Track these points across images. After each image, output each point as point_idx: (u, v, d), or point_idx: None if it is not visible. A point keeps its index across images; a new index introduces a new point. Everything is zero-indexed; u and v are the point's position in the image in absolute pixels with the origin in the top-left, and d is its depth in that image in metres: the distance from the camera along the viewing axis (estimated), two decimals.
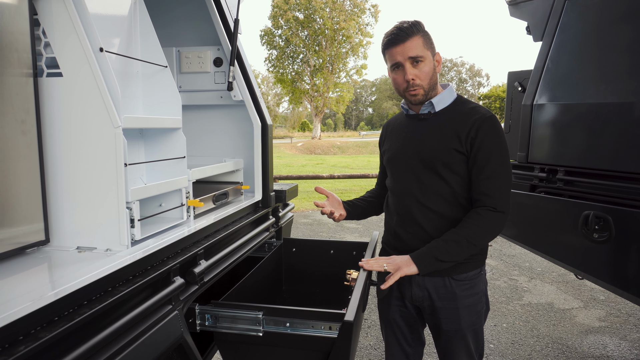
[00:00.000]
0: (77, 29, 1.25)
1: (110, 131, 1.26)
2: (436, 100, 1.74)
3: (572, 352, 3.43)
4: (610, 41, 2.44)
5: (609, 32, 2.45)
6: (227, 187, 2.03)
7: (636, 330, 3.78)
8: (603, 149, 2.40)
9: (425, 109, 1.76)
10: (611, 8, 2.45)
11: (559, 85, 2.72)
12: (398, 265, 1.64)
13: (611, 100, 2.38)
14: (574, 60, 2.65)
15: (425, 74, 1.67)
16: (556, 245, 2.76)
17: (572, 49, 2.65)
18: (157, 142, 1.61)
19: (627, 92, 2.30)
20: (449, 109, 1.75)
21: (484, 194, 1.64)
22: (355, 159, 24.73)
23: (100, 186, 1.29)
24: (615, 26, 2.41)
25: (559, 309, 4.23)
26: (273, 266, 2.30)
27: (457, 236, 1.61)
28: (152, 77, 1.60)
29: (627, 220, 2.24)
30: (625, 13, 2.36)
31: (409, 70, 1.66)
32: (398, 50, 1.66)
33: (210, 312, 1.58)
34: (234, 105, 2.26)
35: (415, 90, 1.69)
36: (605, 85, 2.41)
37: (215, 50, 2.21)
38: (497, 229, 1.63)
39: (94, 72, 1.26)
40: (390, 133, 1.95)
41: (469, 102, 1.78)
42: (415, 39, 1.65)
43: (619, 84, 2.35)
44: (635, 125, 2.25)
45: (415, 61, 1.65)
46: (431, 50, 1.70)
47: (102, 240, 1.31)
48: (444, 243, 1.62)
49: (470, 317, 1.77)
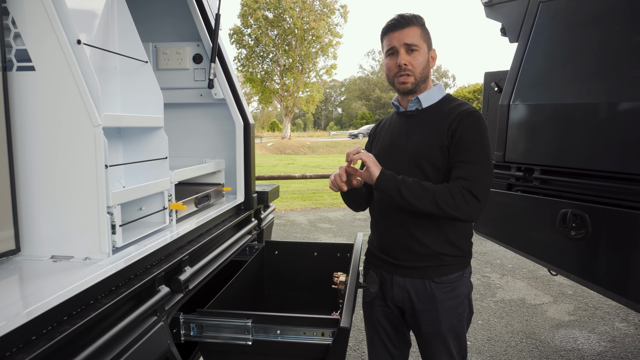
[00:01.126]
0: (52, 18, 1.15)
1: (89, 130, 1.17)
2: (423, 96, 1.74)
3: (545, 346, 3.52)
4: (582, 43, 2.50)
5: (580, 34, 2.52)
6: (209, 189, 1.95)
7: (603, 323, 3.92)
8: (577, 148, 2.46)
9: (413, 105, 1.76)
10: (582, 11, 2.52)
11: (535, 86, 2.77)
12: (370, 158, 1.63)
13: (585, 100, 2.44)
14: (548, 62, 2.71)
15: (418, 63, 1.68)
16: (532, 242, 2.81)
17: (547, 51, 2.71)
18: (136, 142, 1.51)
19: (599, 92, 2.37)
20: (436, 106, 1.75)
21: (462, 178, 1.57)
22: (326, 158, 24.77)
23: (78, 190, 1.19)
24: (587, 28, 2.48)
25: (531, 305, 4.35)
26: (255, 270, 2.23)
27: (428, 186, 1.57)
28: (131, 73, 1.50)
29: (603, 217, 2.31)
30: (595, 16, 2.43)
31: (403, 55, 1.67)
32: (395, 36, 1.68)
33: (195, 322, 1.50)
34: (215, 104, 2.17)
35: (406, 77, 1.69)
36: (580, 85, 2.48)
37: (195, 46, 2.12)
38: (467, 211, 1.54)
39: (71, 67, 1.16)
40: (380, 130, 1.95)
41: (456, 99, 1.78)
42: (414, 28, 1.68)
43: (592, 85, 2.42)
44: (607, 125, 2.32)
45: (410, 49, 1.67)
46: (427, 43, 1.72)
47: (80, 248, 1.21)
48: (413, 182, 1.58)
49: (450, 321, 1.75)
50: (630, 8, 2.28)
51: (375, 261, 1.91)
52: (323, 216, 8.63)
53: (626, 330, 3.77)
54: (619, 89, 2.30)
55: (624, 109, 2.26)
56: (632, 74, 2.24)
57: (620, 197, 2.26)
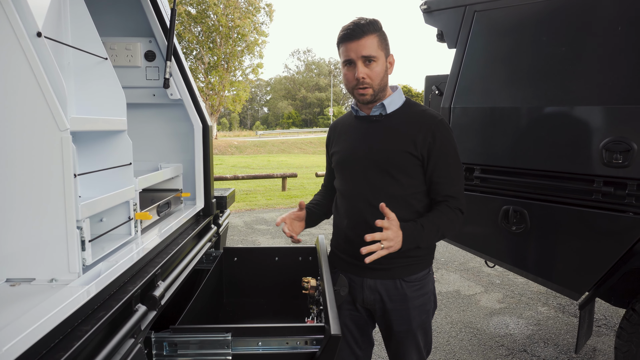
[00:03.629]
0: (6, 7, 0.99)
1: (55, 135, 1.02)
2: (387, 102, 1.75)
3: (482, 334, 3.78)
4: (514, 50, 2.72)
5: (512, 41, 2.74)
6: (168, 196, 1.82)
7: (528, 308, 4.30)
8: (513, 148, 2.67)
9: (377, 110, 1.76)
10: (513, 20, 2.73)
11: (473, 90, 2.95)
12: (392, 245, 1.57)
13: (519, 104, 2.65)
14: (484, 67, 2.90)
15: (376, 74, 1.67)
16: (474, 237, 3.00)
17: (484, 56, 2.89)
18: (95, 147, 1.36)
19: (532, 96, 2.59)
20: (400, 111, 1.78)
21: (451, 197, 1.70)
22: (254, 158, 24.44)
23: (42, 202, 1.04)
24: (518, 36, 2.70)
25: (465, 295, 4.64)
26: (215, 278, 2.13)
27: (435, 225, 1.65)
28: (88, 71, 1.35)
29: (541, 213, 2.53)
30: (525, 25, 2.65)
31: (361, 68, 1.64)
32: (352, 47, 1.63)
33: (167, 340, 1.39)
34: (169, 105, 2.03)
35: (365, 89, 1.68)
36: (515, 90, 2.68)
37: (147, 42, 1.96)
38: (457, 229, 1.71)
39: (31, 63, 1.01)
40: (339, 134, 1.91)
41: (418, 104, 1.82)
42: (371, 37, 1.63)
43: (525, 90, 2.63)
44: (537, 127, 2.54)
45: (368, 60, 1.64)
46: (385, 51, 1.70)
47: (43, 269, 1.06)
48: (428, 230, 1.64)
49: (420, 317, 1.81)
50: (556, 18, 2.52)
51: (341, 264, 1.90)
52: (259, 217, 8.50)
53: (548, 314, 4.16)
54: (547, 93, 2.52)
55: (552, 112, 2.49)
56: (559, 79, 2.48)
57: (553, 193, 2.49)
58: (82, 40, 1.35)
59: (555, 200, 2.48)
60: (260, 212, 9.02)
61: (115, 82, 1.38)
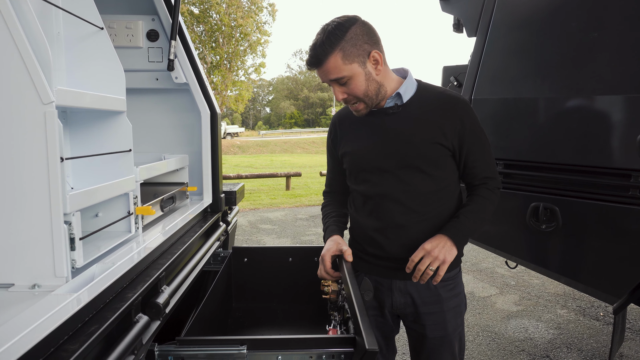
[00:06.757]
0: None
1: (37, 110, 0.84)
2: (402, 90, 1.58)
3: (501, 338, 3.59)
4: (541, 37, 2.53)
5: (538, 28, 2.55)
6: (173, 189, 1.63)
7: (547, 311, 4.11)
8: (541, 142, 2.49)
9: (392, 101, 1.59)
10: (540, 4, 2.55)
11: (496, 80, 2.78)
12: (444, 259, 1.48)
13: (546, 95, 2.47)
14: (509, 56, 2.72)
15: (357, 88, 1.49)
16: (497, 235, 2.83)
17: (507, 45, 2.72)
18: (90, 130, 1.18)
19: (559, 87, 2.41)
20: (416, 97, 1.61)
21: (489, 178, 1.63)
22: (257, 158, 24.35)
23: (22, 191, 0.85)
24: (544, 23, 2.52)
25: (480, 297, 4.45)
26: (224, 281, 1.94)
27: (480, 213, 1.59)
28: (82, 42, 1.16)
29: (574, 210, 2.34)
30: (552, 10, 2.46)
31: (337, 90, 1.51)
32: (319, 74, 1.51)
33: (173, 353, 1.21)
34: (174, 90, 1.83)
35: (355, 105, 1.55)
36: (541, 80, 2.50)
37: (149, 20, 1.76)
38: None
39: (8, 23, 0.82)
40: (347, 131, 1.72)
41: (432, 86, 1.66)
42: (332, 59, 1.43)
43: (552, 79, 2.45)
44: (569, 119, 2.36)
45: (339, 83, 1.48)
46: (358, 59, 1.47)
47: (24, 273, 0.87)
48: (474, 221, 1.57)
49: (456, 320, 1.67)
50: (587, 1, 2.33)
51: (364, 267, 1.72)
52: (263, 217, 8.34)
53: (568, 317, 3.97)
54: (578, 82, 2.34)
55: (583, 102, 2.31)
56: (590, 67, 2.29)
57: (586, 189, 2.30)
58: (75, 7, 1.16)
59: (589, 197, 2.30)
60: (265, 212, 8.86)
61: (113, 56, 1.19)
